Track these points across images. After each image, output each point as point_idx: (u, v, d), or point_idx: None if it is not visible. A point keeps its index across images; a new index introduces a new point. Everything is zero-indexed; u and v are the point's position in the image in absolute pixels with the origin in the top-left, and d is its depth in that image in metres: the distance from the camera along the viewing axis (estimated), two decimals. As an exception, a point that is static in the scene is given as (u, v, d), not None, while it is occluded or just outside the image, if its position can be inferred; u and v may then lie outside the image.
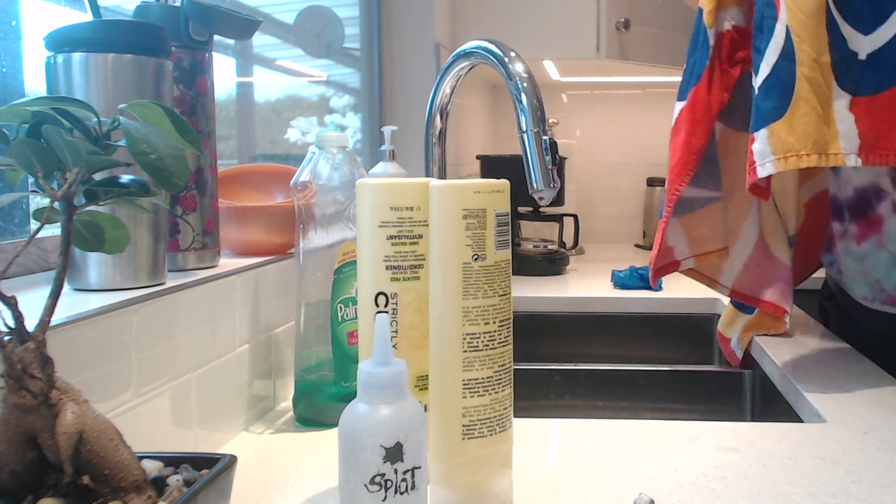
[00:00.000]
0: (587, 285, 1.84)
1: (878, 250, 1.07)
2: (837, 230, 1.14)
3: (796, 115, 0.90)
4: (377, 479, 0.51)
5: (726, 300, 1.26)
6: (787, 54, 0.91)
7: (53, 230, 0.60)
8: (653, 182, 2.67)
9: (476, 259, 0.59)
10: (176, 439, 0.70)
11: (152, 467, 0.53)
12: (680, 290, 1.75)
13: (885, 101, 0.90)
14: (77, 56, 0.68)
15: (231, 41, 1.35)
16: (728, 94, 1.03)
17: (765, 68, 0.92)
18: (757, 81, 0.94)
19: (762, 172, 0.91)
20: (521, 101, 0.88)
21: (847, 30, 0.91)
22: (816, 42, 0.91)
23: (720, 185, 1.10)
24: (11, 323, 0.45)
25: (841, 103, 0.91)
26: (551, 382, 1.29)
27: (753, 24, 0.98)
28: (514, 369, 0.64)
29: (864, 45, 0.91)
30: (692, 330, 1.41)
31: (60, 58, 0.68)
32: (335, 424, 0.56)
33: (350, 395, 0.57)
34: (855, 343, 1.15)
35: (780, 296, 1.18)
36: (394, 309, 0.63)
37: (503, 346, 0.61)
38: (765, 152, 0.91)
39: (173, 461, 0.54)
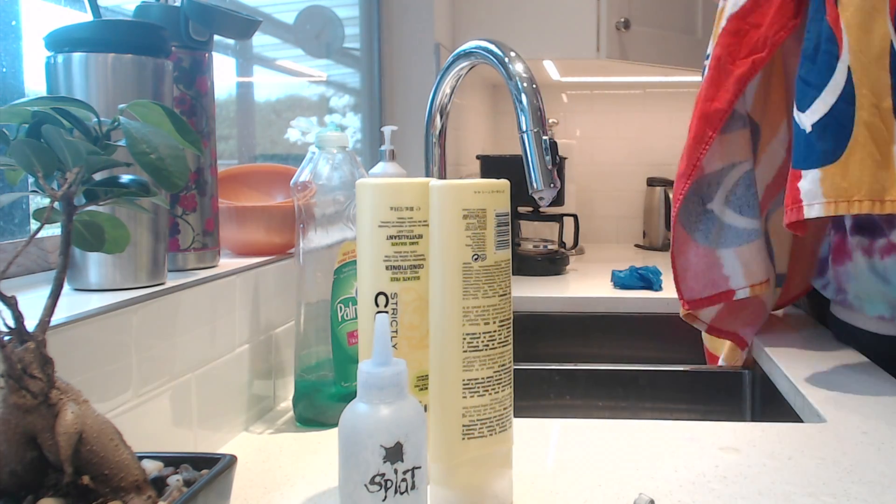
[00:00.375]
0: (587, 285, 1.83)
1: None
2: (863, 245, 1.11)
3: (851, 160, 0.90)
4: (377, 479, 0.51)
5: None
6: (848, 97, 0.90)
7: (53, 230, 0.60)
8: (653, 182, 2.67)
9: (476, 259, 0.59)
10: (176, 439, 0.70)
11: (152, 467, 0.53)
12: (680, 290, 1.74)
13: None
14: (77, 56, 0.68)
15: (231, 41, 1.35)
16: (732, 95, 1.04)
17: (821, 107, 0.91)
18: (810, 118, 0.92)
19: (810, 213, 0.91)
20: (521, 101, 0.88)
21: None
22: (878, 87, 0.90)
23: (759, 214, 1.13)
24: (11, 323, 0.45)
25: None
26: (551, 382, 1.29)
27: (804, 51, 0.96)
28: (514, 369, 0.64)
29: None
30: (692, 330, 1.41)
31: (60, 58, 0.68)
32: (335, 424, 0.56)
33: (350, 395, 0.57)
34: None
35: (750, 332, 1.22)
36: (394, 309, 0.63)
37: (503, 346, 0.61)
38: (815, 193, 0.90)
39: (173, 461, 0.54)
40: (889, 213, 0.90)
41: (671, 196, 2.60)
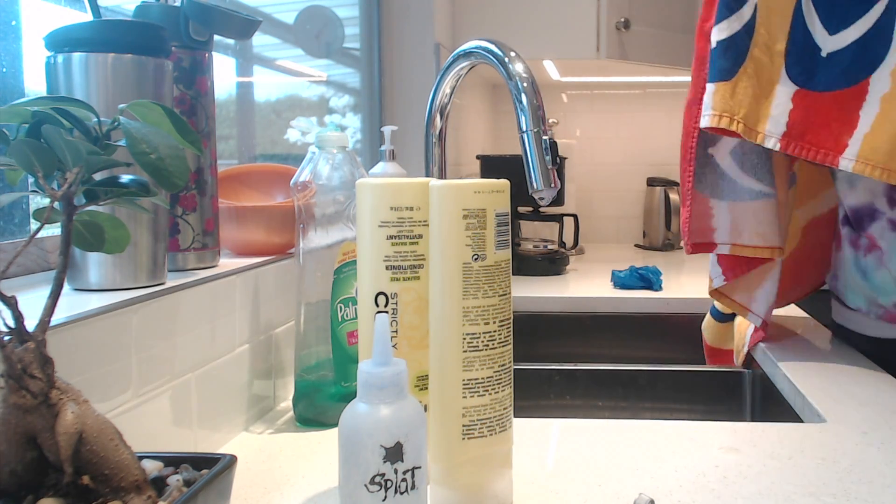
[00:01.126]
0: (587, 285, 1.83)
1: (879, 268, 1.07)
2: (851, 236, 1.12)
3: (739, 84, 0.97)
4: (377, 479, 0.51)
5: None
6: (748, 30, 0.97)
7: (53, 230, 0.60)
8: (653, 182, 2.67)
9: (476, 259, 0.59)
10: (176, 439, 0.70)
11: (152, 467, 0.53)
12: (680, 290, 1.75)
13: (829, 101, 0.94)
14: (77, 56, 0.68)
15: (231, 41, 1.35)
16: None
17: (726, 28, 0.98)
18: (717, 35, 0.99)
19: (702, 123, 0.98)
20: (521, 101, 0.88)
21: (816, 25, 0.96)
22: (775, 30, 0.97)
23: (773, 182, 1.08)
24: (11, 323, 0.45)
25: (784, 90, 0.96)
26: (551, 382, 1.29)
27: None
28: (514, 369, 0.64)
29: (827, 43, 0.95)
30: (692, 330, 1.41)
31: (60, 58, 0.68)
32: (335, 424, 0.56)
33: (350, 395, 0.57)
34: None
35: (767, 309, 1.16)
36: (394, 309, 0.63)
37: (503, 346, 0.61)
38: (707, 105, 0.97)
39: (173, 461, 0.54)
40: (756, 142, 0.97)
41: (671, 196, 2.60)
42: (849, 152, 0.92)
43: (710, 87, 0.98)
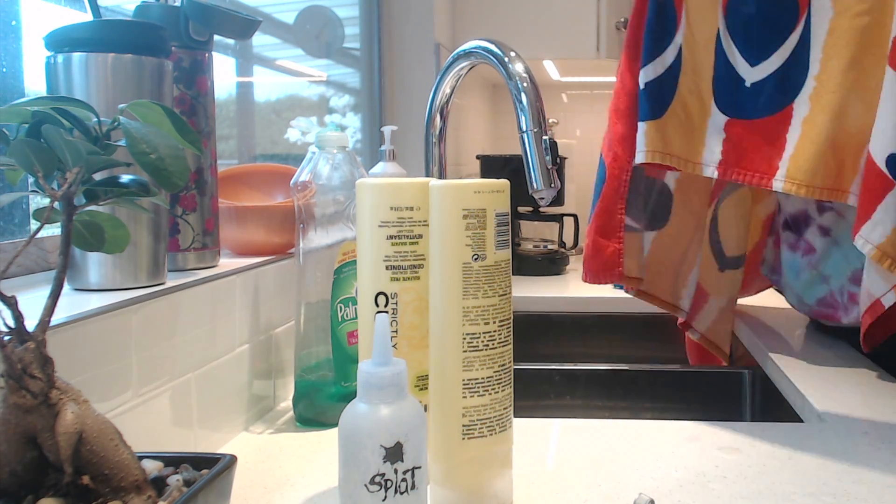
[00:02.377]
0: (587, 285, 1.83)
1: (807, 268, 1.14)
2: (790, 240, 1.20)
3: (669, 122, 1.02)
4: (377, 479, 0.51)
5: None
6: (674, 73, 1.02)
7: (53, 230, 0.60)
8: (653, 182, 2.67)
9: (476, 259, 0.59)
10: (176, 439, 0.70)
11: (152, 467, 0.53)
12: (680, 290, 1.74)
13: (758, 127, 0.99)
14: (77, 56, 0.68)
15: (231, 41, 1.35)
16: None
17: (651, 71, 1.03)
18: (644, 76, 1.03)
19: (636, 160, 1.03)
20: (521, 101, 0.88)
21: (738, 58, 1.00)
22: (700, 66, 1.02)
23: (642, 217, 1.18)
24: (11, 323, 0.45)
25: (716, 122, 1.01)
26: (551, 382, 1.29)
27: (650, 11, 1.04)
28: (514, 369, 0.64)
29: (750, 74, 1.00)
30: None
31: (60, 58, 0.68)
32: (335, 424, 0.56)
33: (350, 395, 0.57)
34: None
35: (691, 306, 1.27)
36: (394, 309, 0.63)
37: (503, 346, 0.61)
38: (641, 142, 1.03)
39: (173, 461, 0.54)
40: (690, 171, 1.02)
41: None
42: (779, 174, 0.96)
43: (641, 125, 1.03)
